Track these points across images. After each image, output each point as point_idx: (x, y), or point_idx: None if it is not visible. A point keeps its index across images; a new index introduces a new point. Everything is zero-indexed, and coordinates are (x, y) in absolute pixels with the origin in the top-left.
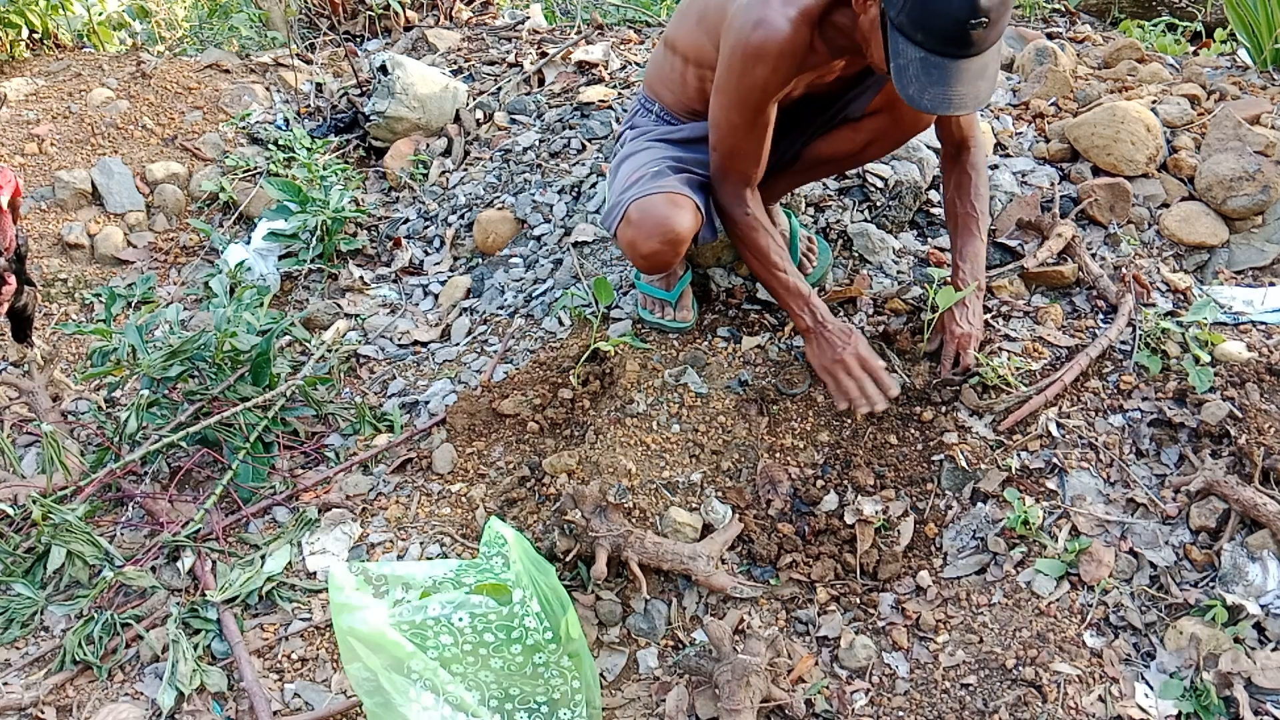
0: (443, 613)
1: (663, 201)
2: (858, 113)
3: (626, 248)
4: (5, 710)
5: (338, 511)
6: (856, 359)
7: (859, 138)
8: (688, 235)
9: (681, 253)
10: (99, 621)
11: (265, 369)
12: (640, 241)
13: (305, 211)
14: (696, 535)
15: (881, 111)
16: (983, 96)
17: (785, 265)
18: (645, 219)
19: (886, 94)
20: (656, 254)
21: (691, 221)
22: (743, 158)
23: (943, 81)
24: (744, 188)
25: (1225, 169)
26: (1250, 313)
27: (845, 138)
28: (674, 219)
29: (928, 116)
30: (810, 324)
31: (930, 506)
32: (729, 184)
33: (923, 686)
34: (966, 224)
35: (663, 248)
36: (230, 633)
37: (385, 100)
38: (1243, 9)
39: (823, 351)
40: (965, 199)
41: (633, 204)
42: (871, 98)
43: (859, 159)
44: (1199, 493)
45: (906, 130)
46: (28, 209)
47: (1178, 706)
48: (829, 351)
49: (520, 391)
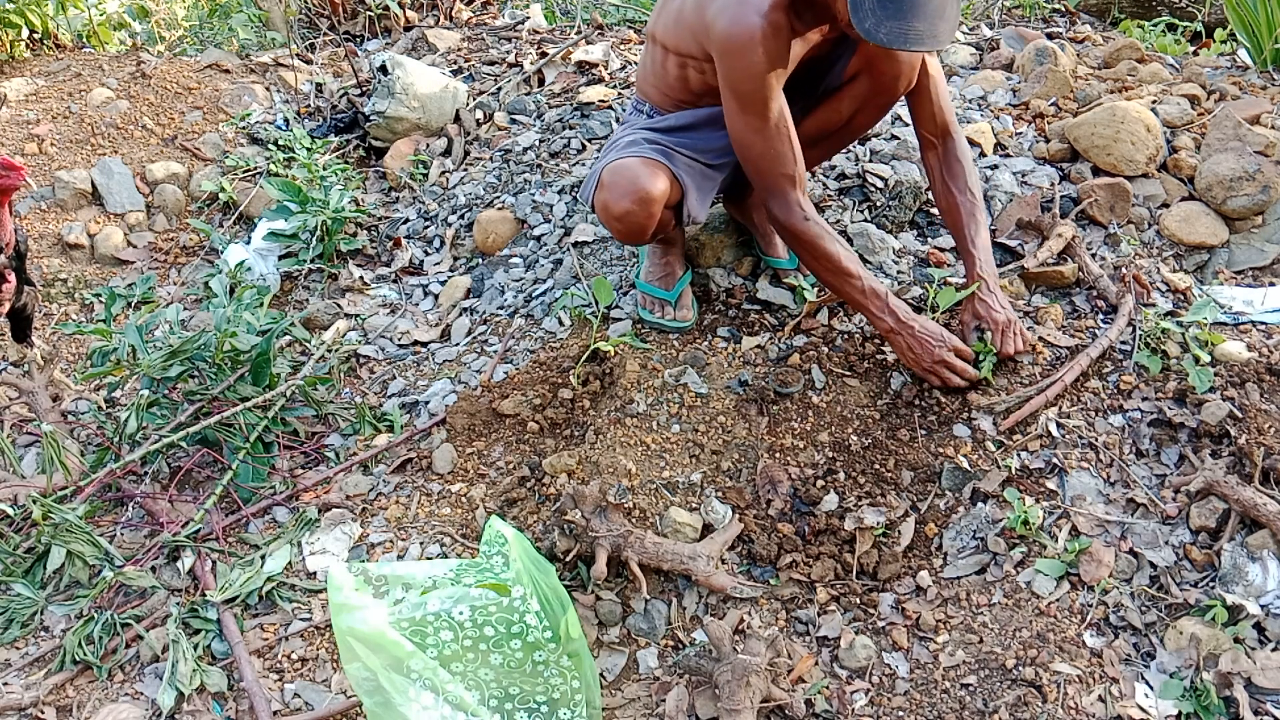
0: (443, 608)
1: (636, 164)
2: (837, 81)
3: (601, 212)
4: (5, 710)
5: (338, 511)
6: (955, 353)
7: (843, 107)
8: (659, 197)
9: (655, 215)
10: (99, 621)
11: (265, 369)
12: (612, 202)
13: (305, 211)
14: (696, 535)
15: (860, 75)
16: (942, 37)
17: (858, 270)
18: (617, 180)
19: (862, 54)
20: (628, 214)
21: (664, 185)
22: (777, 159)
23: (899, 15)
24: (792, 192)
25: (1225, 169)
26: (1250, 313)
27: (830, 109)
28: (645, 179)
29: (907, 73)
30: (894, 325)
31: (930, 506)
32: (777, 195)
33: (923, 686)
34: (970, 212)
35: (634, 207)
36: (230, 633)
37: (385, 100)
38: (1243, 9)
39: (921, 354)
40: (962, 188)
41: (606, 167)
42: (848, 62)
43: (848, 132)
44: (1199, 493)
45: (887, 91)
46: (28, 209)
47: (1178, 706)
48: (928, 354)
49: (520, 391)
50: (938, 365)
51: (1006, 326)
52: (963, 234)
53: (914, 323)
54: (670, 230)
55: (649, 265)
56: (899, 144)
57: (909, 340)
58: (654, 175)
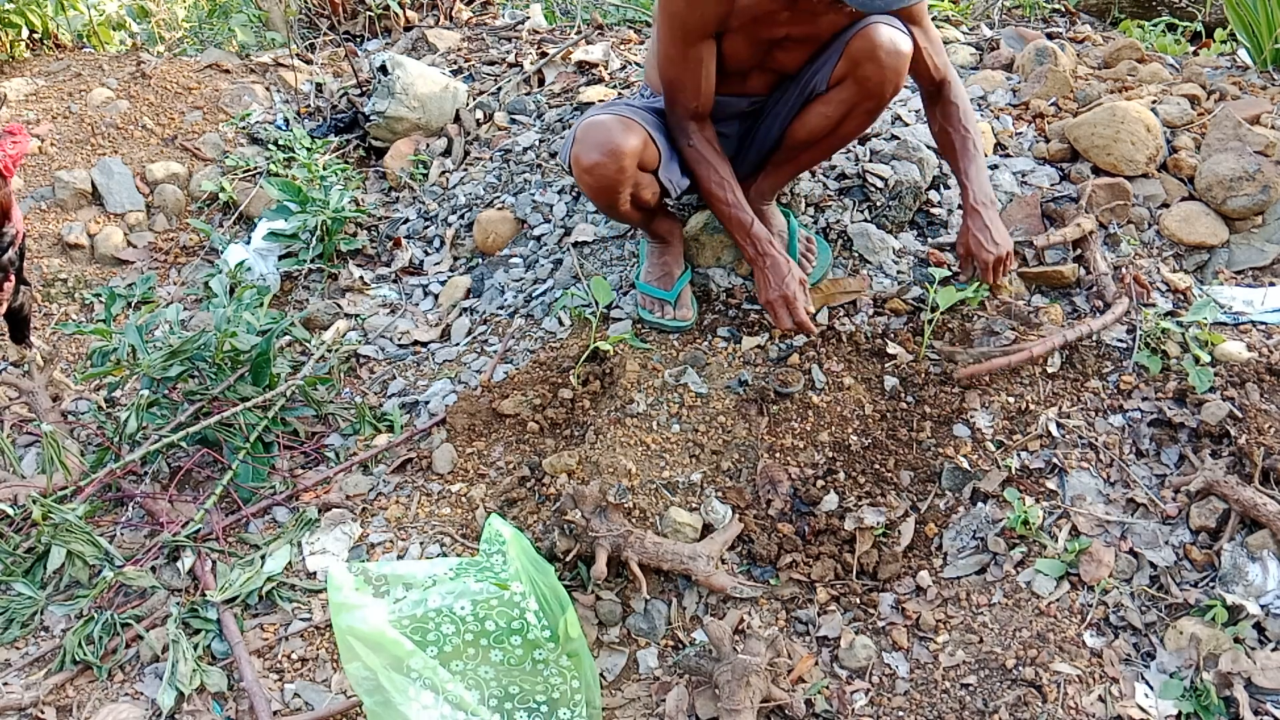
0: (444, 603)
1: (611, 119)
2: (823, 85)
3: (574, 166)
4: (5, 710)
5: (338, 511)
6: (791, 300)
7: (831, 112)
8: (630, 151)
9: (626, 171)
10: (99, 621)
11: (265, 369)
12: (583, 155)
13: (305, 211)
14: (696, 535)
15: (846, 79)
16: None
17: (725, 196)
18: (590, 133)
19: (848, 57)
20: (598, 166)
21: (637, 141)
22: (681, 89)
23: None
24: (686, 119)
25: (1225, 169)
26: (1250, 313)
27: (818, 115)
28: (618, 133)
29: (891, 78)
30: (752, 254)
31: (930, 506)
32: (674, 117)
33: (923, 686)
34: (963, 145)
35: (604, 159)
36: (230, 633)
37: (385, 100)
38: (1243, 9)
39: (763, 286)
40: (955, 124)
41: (581, 123)
42: (833, 67)
43: (838, 137)
44: (1199, 493)
45: (874, 95)
46: (28, 209)
47: (1178, 706)
48: (768, 289)
49: (520, 391)
50: (775, 300)
51: (996, 264)
52: (957, 165)
53: (769, 256)
54: (652, 203)
55: (648, 266)
56: (899, 144)
57: (763, 270)
58: (627, 130)
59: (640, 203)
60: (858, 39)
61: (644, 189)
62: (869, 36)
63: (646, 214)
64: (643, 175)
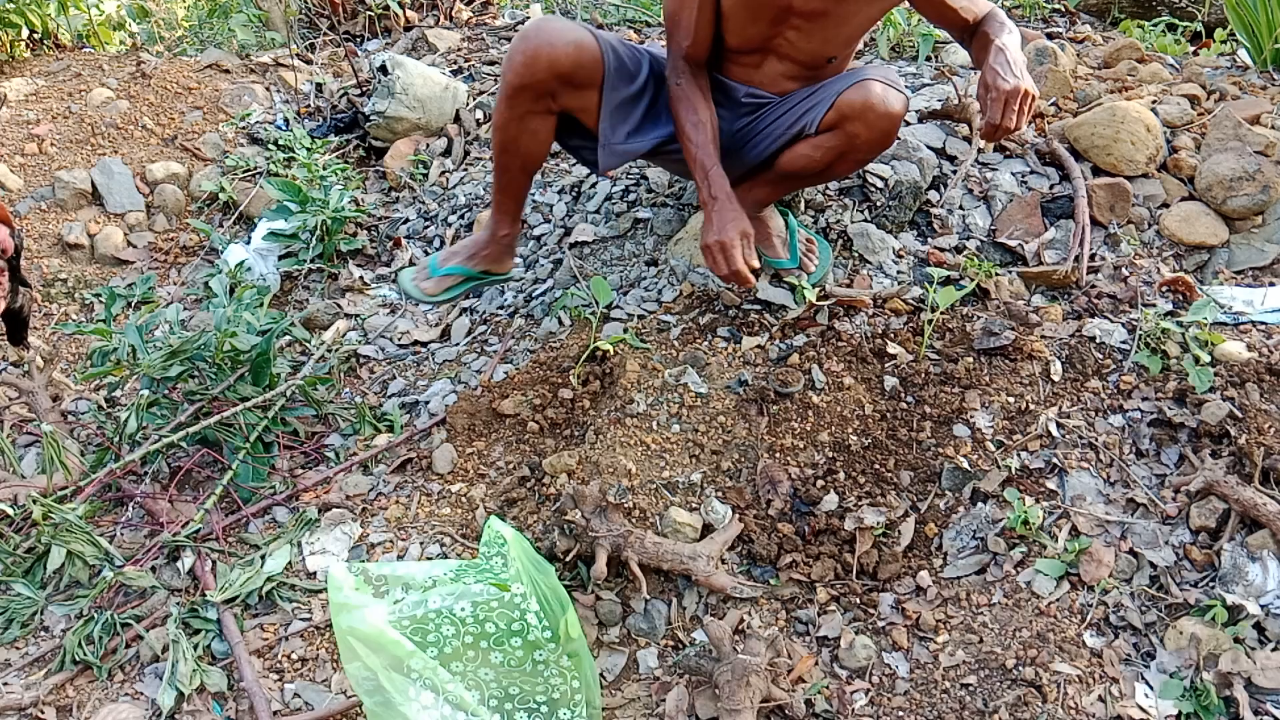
0: (444, 604)
1: (562, 19)
2: (812, 128)
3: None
4: (5, 710)
5: (338, 511)
6: (729, 250)
7: (818, 157)
8: (564, 50)
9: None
10: (99, 621)
11: (266, 369)
12: (517, 41)
13: (305, 211)
14: (696, 535)
15: (835, 129)
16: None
17: (696, 137)
18: (533, 25)
19: (838, 110)
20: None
21: (574, 40)
22: (677, 26)
23: None
24: (679, 58)
25: (1225, 169)
26: (1250, 313)
27: (804, 156)
28: (560, 26)
29: (883, 139)
30: (705, 196)
31: (930, 506)
32: (670, 56)
33: (923, 686)
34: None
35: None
36: (230, 632)
37: (385, 100)
38: (1243, 9)
39: (708, 229)
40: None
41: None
42: (823, 112)
43: (828, 176)
44: (1199, 493)
45: (861, 150)
46: (28, 209)
47: (1178, 706)
48: (712, 232)
49: (520, 391)
50: (712, 245)
51: (1010, 97)
52: (982, 30)
53: (719, 200)
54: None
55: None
56: (899, 144)
57: (709, 214)
58: (571, 30)
59: (540, 139)
60: (851, 92)
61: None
62: (862, 92)
63: (523, 176)
64: (568, 91)
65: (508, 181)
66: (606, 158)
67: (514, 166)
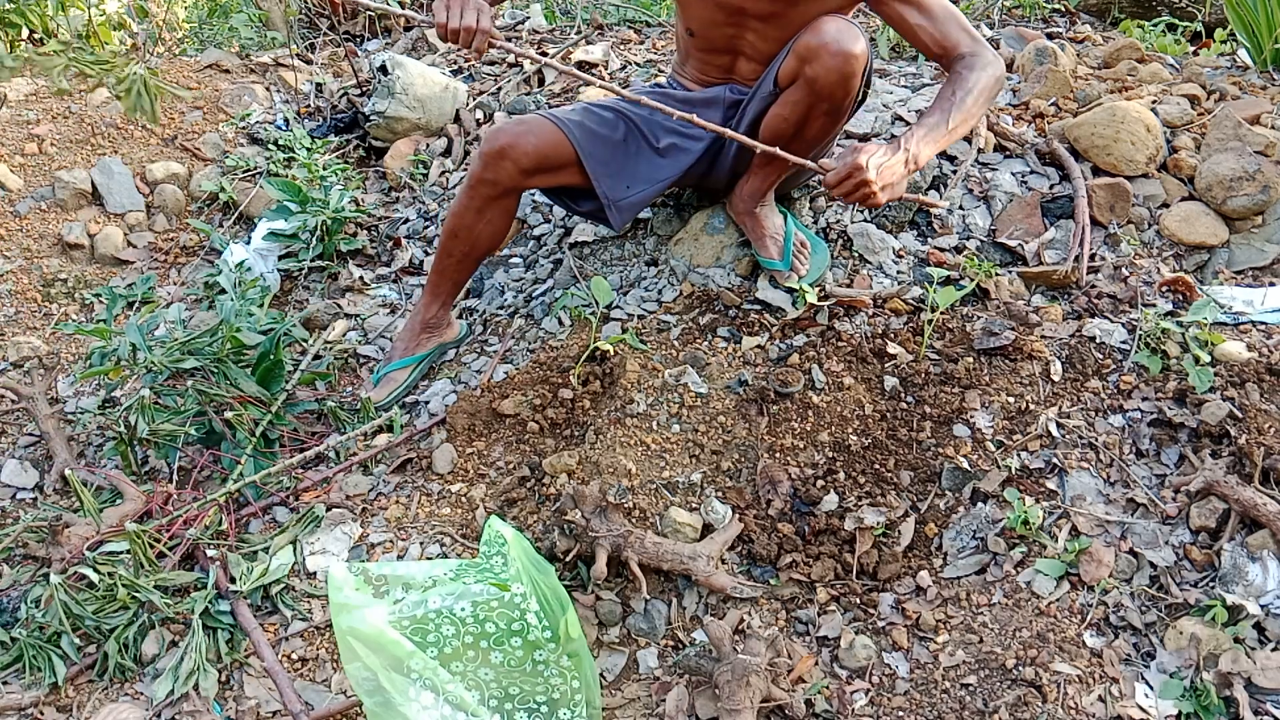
0: (444, 604)
1: (524, 118)
2: (770, 84)
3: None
4: (5, 710)
5: (338, 511)
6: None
7: (788, 114)
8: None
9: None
10: (135, 624)
11: (275, 371)
12: (480, 149)
13: (305, 211)
14: (696, 535)
15: (796, 79)
16: None
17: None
18: (497, 129)
19: (795, 54)
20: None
21: (534, 132)
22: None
23: None
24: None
25: (1225, 169)
26: (1250, 313)
27: (777, 118)
28: (518, 130)
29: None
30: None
31: (930, 506)
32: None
33: (923, 686)
34: (935, 101)
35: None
36: (245, 619)
37: (385, 100)
38: (1243, 9)
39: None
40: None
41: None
42: (781, 60)
43: (806, 141)
44: (1199, 493)
45: (825, 97)
46: (28, 209)
47: (1178, 706)
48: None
49: (520, 391)
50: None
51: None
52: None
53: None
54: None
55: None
56: None
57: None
58: (522, 131)
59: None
60: (806, 33)
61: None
62: (816, 32)
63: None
64: (544, 176)
65: (450, 266)
66: (617, 216)
67: (460, 252)
